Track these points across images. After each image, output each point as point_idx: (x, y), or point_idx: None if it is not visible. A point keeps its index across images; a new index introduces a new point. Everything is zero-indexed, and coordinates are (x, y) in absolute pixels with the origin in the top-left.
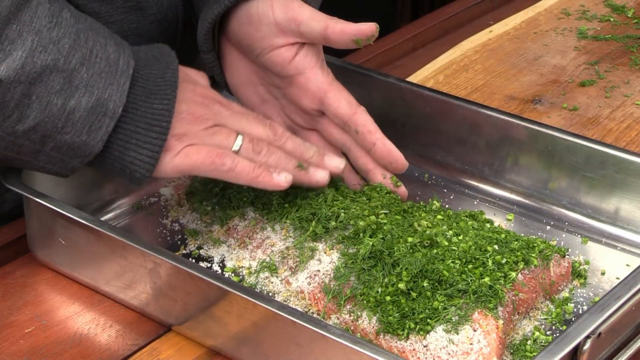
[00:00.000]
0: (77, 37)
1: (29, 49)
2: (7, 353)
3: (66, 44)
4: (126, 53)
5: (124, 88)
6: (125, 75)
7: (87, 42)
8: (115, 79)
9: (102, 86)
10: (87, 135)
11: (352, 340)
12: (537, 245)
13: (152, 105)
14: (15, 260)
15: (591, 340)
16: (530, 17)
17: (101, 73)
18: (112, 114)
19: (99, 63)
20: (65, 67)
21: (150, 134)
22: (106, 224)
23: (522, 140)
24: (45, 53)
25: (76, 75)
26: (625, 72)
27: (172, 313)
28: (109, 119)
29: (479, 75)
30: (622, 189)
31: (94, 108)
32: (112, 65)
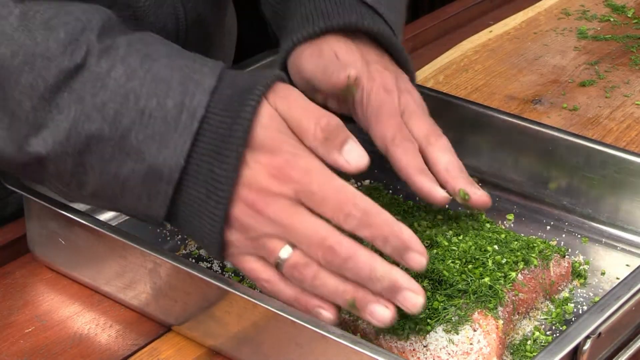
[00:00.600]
0: (125, 99)
1: (73, 119)
2: (7, 353)
3: (111, 110)
4: (194, 102)
5: (183, 149)
6: (187, 132)
7: (138, 103)
8: (172, 139)
9: (155, 151)
10: (147, 200)
11: (352, 340)
12: (537, 245)
13: (212, 169)
14: (15, 260)
15: (591, 340)
16: (530, 17)
17: (154, 135)
18: (169, 179)
19: (152, 124)
20: (112, 135)
21: (210, 202)
22: (106, 224)
23: (522, 140)
24: (89, 122)
25: (125, 142)
26: (625, 72)
27: (172, 313)
28: (165, 184)
29: (479, 75)
30: (622, 189)
31: (148, 174)
32: (170, 124)
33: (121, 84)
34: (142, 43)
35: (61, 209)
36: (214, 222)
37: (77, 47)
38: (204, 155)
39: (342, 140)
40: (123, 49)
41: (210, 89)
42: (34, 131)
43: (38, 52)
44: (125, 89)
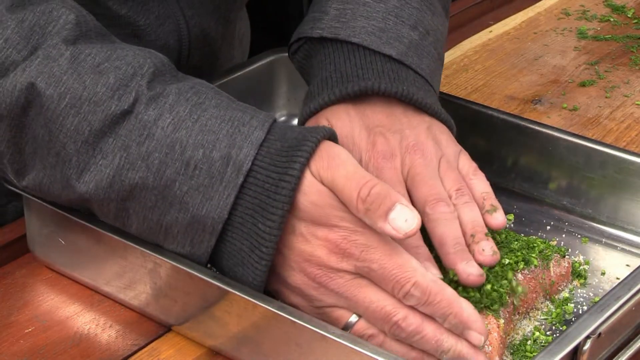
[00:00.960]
0: (171, 149)
1: (117, 167)
2: (7, 353)
3: (156, 160)
4: (241, 155)
5: (227, 202)
6: (232, 185)
7: (184, 154)
8: (217, 192)
9: (198, 202)
10: (190, 247)
11: (352, 340)
12: (537, 245)
13: (256, 224)
14: (15, 260)
15: (591, 341)
16: (530, 17)
17: (199, 187)
18: (212, 230)
19: (197, 176)
20: (155, 185)
21: (252, 256)
22: (106, 224)
23: (522, 140)
24: (133, 171)
25: (169, 192)
26: (625, 72)
27: (172, 313)
28: (209, 235)
29: (479, 75)
30: (622, 189)
31: (191, 224)
32: (215, 177)
33: (168, 134)
34: (192, 92)
35: (61, 209)
36: (256, 276)
37: (125, 92)
38: (248, 209)
39: (386, 209)
40: (172, 97)
41: (258, 142)
42: (77, 175)
43: (85, 96)
44: (172, 139)
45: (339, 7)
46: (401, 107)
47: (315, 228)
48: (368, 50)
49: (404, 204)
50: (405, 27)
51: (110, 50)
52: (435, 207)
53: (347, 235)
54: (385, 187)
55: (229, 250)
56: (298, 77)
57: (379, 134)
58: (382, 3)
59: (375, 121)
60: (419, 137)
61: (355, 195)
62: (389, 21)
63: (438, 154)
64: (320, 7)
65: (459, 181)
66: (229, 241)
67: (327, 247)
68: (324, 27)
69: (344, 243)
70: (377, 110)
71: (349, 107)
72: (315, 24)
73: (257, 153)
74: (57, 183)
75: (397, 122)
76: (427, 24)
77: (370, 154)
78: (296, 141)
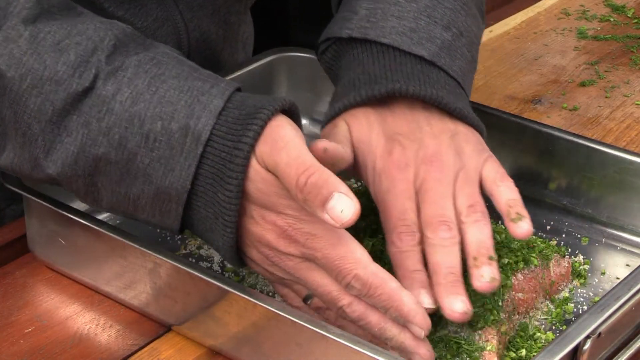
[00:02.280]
0: (130, 123)
1: (80, 144)
2: (7, 353)
3: (116, 134)
4: (199, 126)
5: (189, 172)
6: (191, 156)
7: (143, 127)
8: (178, 162)
9: (161, 174)
10: (160, 216)
11: (352, 340)
12: (537, 245)
13: (216, 194)
14: (15, 260)
15: (591, 340)
16: (530, 17)
17: (160, 159)
18: (178, 200)
19: (157, 148)
20: (118, 159)
21: (217, 223)
22: (106, 224)
23: (522, 140)
24: (95, 146)
25: (132, 166)
26: (625, 72)
27: (172, 313)
28: (175, 204)
29: (479, 75)
30: (622, 189)
31: (157, 196)
32: (175, 148)
33: (126, 108)
34: (152, 63)
35: (61, 209)
36: (225, 240)
37: (86, 69)
38: (208, 178)
39: (323, 198)
40: (131, 70)
41: (217, 111)
42: (44, 154)
43: (46, 76)
44: (130, 112)
45: (369, 7)
46: (425, 112)
47: (264, 212)
48: (398, 51)
49: (342, 192)
50: (437, 27)
51: (70, 25)
52: (436, 231)
53: (292, 223)
54: (324, 175)
55: (197, 218)
56: (298, 77)
57: (397, 142)
58: (414, 2)
59: (395, 128)
60: (440, 148)
61: (293, 184)
62: (420, 21)
63: (457, 166)
64: (350, 6)
65: (474, 197)
66: (196, 209)
67: (276, 232)
68: (353, 27)
69: (290, 230)
70: (399, 116)
71: (369, 111)
72: (344, 23)
73: (215, 122)
74: (27, 163)
75: (418, 130)
76: (461, 25)
77: (385, 163)
78: (253, 110)
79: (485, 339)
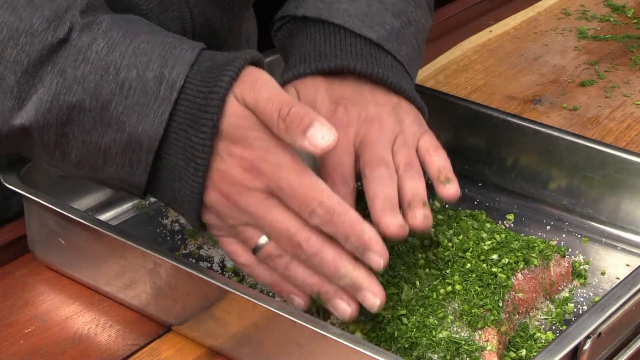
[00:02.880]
0: (106, 71)
1: (54, 92)
2: (7, 353)
3: (92, 82)
4: (174, 74)
5: (162, 119)
6: (165, 102)
7: (118, 75)
8: (152, 109)
9: (134, 121)
10: (129, 167)
11: (352, 340)
12: (537, 245)
13: (190, 137)
14: (15, 260)
15: (591, 340)
16: (530, 17)
17: (134, 106)
18: (149, 149)
19: (132, 95)
20: (92, 106)
21: (189, 169)
22: (106, 224)
23: (522, 140)
24: (69, 94)
25: (106, 113)
26: (625, 72)
27: (172, 313)
28: (145, 153)
29: (479, 75)
30: (622, 189)
31: (129, 144)
32: (150, 95)
33: (102, 57)
34: (125, 20)
35: (61, 209)
36: (193, 188)
37: (60, 23)
38: (181, 124)
39: (304, 126)
40: (106, 24)
41: (190, 62)
42: (18, 105)
43: (22, 29)
44: (106, 61)
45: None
46: (371, 87)
47: (232, 147)
48: (349, 32)
49: (322, 122)
50: (388, 14)
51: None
52: (375, 169)
53: (261, 154)
54: (305, 107)
55: (166, 167)
56: None
57: (341, 105)
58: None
59: (340, 93)
60: (381, 113)
61: (275, 115)
62: (372, 6)
63: (396, 130)
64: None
65: (412, 157)
66: (166, 158)
67: (241, 166)
68: (308, 7)
69: (257, 161)
70: (346, 85)
71: (318, 79)
72: (299, 3)
73: (189, 72)
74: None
75: (362, 97)
76: (410, 15)
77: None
78: (226, 60)
79: (485, 339)
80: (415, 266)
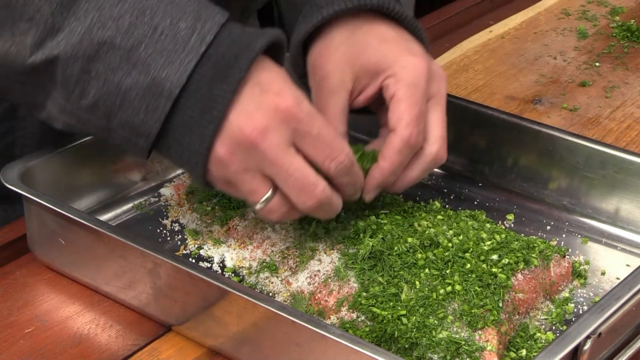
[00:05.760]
0: (142, 13)
1: (88, 26)
2: (7, 353)
3: (126, 21)
4: (205, 28)
5: (188, 67)
6: (194, 53)
7: (153, 19)
8: (179, 57)
9: (160, 65)
10: (144, 114)
11: (352, 340)
12: (537, 245)
13: (211, 89)
14: (15, 260)
15: (591, 341)
16: (530, 17)
17: (162, 51)
18: (169, 95)
19: (162, 41)
20: (122, 45)
21: (202, 120)
22: (106, 224)
23: (522, 140)
24: (103, 29)
25: (134, 53)
26: (625, 72)
27: (172, 313)
28: (165, 99)
29: (479, 75)
30: (622, 189)
31: (150, 87)
32: (179, 43)
33: (140, 0)
34: None
35: (61, 209)
36: (202, 142)
37: None
38: (204, 76)
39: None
40: None
41: (220, 22)
42: (51, 35)
43: None
44: (143, 4)
45: None
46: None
47: (265, 92)
48: None
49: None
50: None
51: None
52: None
53: (297, 102)
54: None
55: (178, 120)
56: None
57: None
58: None
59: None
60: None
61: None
62: None
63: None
64: None
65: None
66: (181, 109)
67: (273, 107)
68: None
69: (293, 108)
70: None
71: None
72: None
73: (219, 31)
74: (27, 49)
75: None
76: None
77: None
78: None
79: (485, 339)
80: (415, 266)
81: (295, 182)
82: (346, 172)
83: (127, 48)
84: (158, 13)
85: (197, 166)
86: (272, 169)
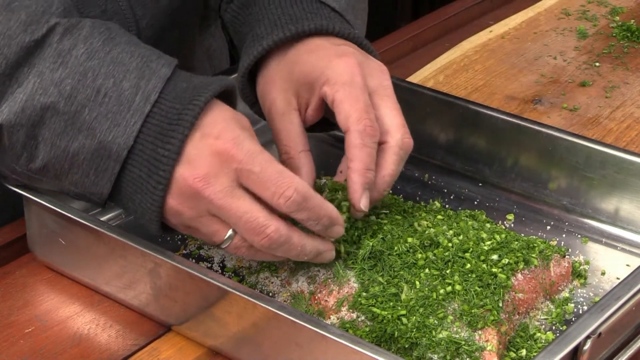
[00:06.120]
0: (83, 76)
1: (30, 92)
2: (7, 353)
3: (68, 85)
4: (149, 86)
5: (134, 129)
6: (138, 113)
7: (96, 81)
8: (124, 118)
9: (106, 128)
10: (94, 175)
11: (352, 340)
12: (537, 245)
13: (156, 149)
14: (15, 260)
15: (591, 341)
16: (530, 17)
17: (107, 114)
18: (117, 157)
19: (106, 103)
20: (66, 110)
21: (150, 181)
22: (106, 224)
23: (522, 140)
24: (45, 95)
25: (79, 118)
26: (625, 72)
27: (172, 313)
28: (113, 161)
29: (479, 75)
30: (622, 189)
31: (98, 151)
32: (124, 104)
33: (81, 62)
34: (105, 27)
35: (61, 209)
36: (153, 202)
37: (37, 27)
38: (149, 136)
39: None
40: (87, 30)
41: (165, 77)
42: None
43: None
44: (85, 67)
45: None
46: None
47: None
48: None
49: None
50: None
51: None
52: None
53: (235, 142)
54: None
55: (128, 179)
56: None
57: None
58: None
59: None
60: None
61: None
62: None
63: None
64: None
65: None
66: (129, 169)
67: (213, 150)
68: None
69: (231, 147)
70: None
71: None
72: None
73: (164, 86)
74: None
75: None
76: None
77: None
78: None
79: (485, 339)
80: (415, 266)
81: (245, 225)
82: (298, 207)
83: (71, 113)
84: (100, 74)
85: (151, 222)
86: (221, 213)
